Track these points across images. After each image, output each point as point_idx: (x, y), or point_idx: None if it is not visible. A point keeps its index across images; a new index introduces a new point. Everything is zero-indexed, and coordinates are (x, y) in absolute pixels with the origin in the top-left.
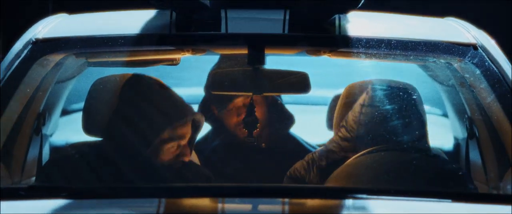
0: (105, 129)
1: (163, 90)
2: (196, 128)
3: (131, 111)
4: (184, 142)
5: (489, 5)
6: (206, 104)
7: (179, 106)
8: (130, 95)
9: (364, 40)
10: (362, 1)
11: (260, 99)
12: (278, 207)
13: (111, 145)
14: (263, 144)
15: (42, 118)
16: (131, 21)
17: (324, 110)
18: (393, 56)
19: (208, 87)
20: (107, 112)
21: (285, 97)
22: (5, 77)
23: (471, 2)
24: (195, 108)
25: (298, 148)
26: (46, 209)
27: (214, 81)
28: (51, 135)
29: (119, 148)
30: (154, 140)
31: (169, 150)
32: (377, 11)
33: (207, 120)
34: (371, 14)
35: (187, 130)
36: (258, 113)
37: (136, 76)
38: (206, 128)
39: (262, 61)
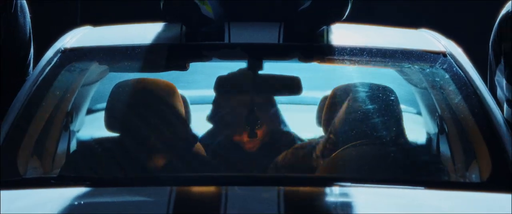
0: (124, 125)
1: (172, 92)
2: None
3: (146, 110)
4: (190, 136)
5: (457, 17)
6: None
7: (185, 105)
8: (145, 97)
9: (348, 49)
10: (345, 15)
11: (261, 101)
12: (274, 194)
13: (129, 140)
14: (263, 139)
15: (70, 116)
16: (147, 33)
17: (314, 109)
18: (373, 62)
19: (215, 89)
20: (126, 111)
21: (281, 98)
22: (38, 82)
23: (441, 15)
24: (203, 107)
25: (292, 143)
26: (73, 196)
27: (219, 84)
28: (77, 131)
29: (136, 142)
30: (166, 134)
31: (178, 143)
32: (360, 23)
33: (214, 118)
34: (354, 26)
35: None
36: (258, 112)
37: (150, 80)
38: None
39: (260, 67)
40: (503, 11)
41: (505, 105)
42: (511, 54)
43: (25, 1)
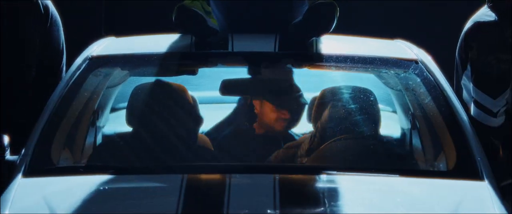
0: (142, 122)
1: (183, 92)
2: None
3: (161, 108)
4: (197, 131)
5: (428, 29)
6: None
7: (193, 104)
8: (161, 97)
9: (334, 56)
10: (332, 27)
11: (262, 102)
12: (270, 180)
13: (146, 134)
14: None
15: (96, 114)
16: (162, 43)
17: (305, 108)
18: (356, 68)
19: (220, 91)
20: (144, 110)
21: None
22: (69, 85)
23: (414, 26)
24: (210, 106)
25: (287, 137)
26: (99, 182)
27: (224, 86)
28: (103, 127)
29: (152, 135)
30: (178, 129)
31: (189, 137)
32: (344, 35)
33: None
34: (340, 37)
35: (198, 121)
36: (259, 110)
37: (165, 83)
38: (218, 121)
39: (258, 72)
40: (468, 24)
41: (472, 105)
42: (476, 62)
43: (58, 17)
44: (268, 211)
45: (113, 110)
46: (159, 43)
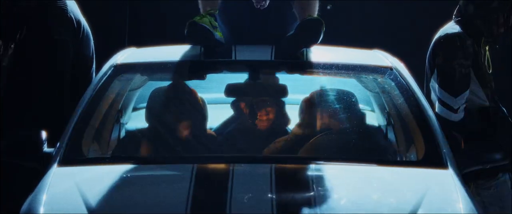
0: (159, 119)
1: (193, 94)
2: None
3: (175, 108)
4: (205, 127)
5: (404, 39)
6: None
7: (201, 104)
8: (175, 98)
9: (322, 64)
10: (320, 39)
11: (263, 102)
12: (268, 169)
13: (162, 130)
14: (260, 129)
15: (120, 113)
16: (176, 52)
17: (297, 107)
18: (340, 74)
19: (225, 93)
20: (160, 109)
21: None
22: (97, 88)
23: (390, 37)
24: (216, 106)
25: (283, 132)
26: (123, 170)
27: (229, 89)
28: (126, 123)
29: (167, 130)
30: (190, 125)
31: (199, 132)
32: (330, 45)
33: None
34: (326, 47)
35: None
36: (260, 109)
37: (178, 86)
38: (223, 119)
39: (258, 77)
40: (437, 35)
41: (437, 104)
42: (441, 66)
43: (89, 30)
44: (266, 195)
45: (134, 109)
46: (173, 53)
